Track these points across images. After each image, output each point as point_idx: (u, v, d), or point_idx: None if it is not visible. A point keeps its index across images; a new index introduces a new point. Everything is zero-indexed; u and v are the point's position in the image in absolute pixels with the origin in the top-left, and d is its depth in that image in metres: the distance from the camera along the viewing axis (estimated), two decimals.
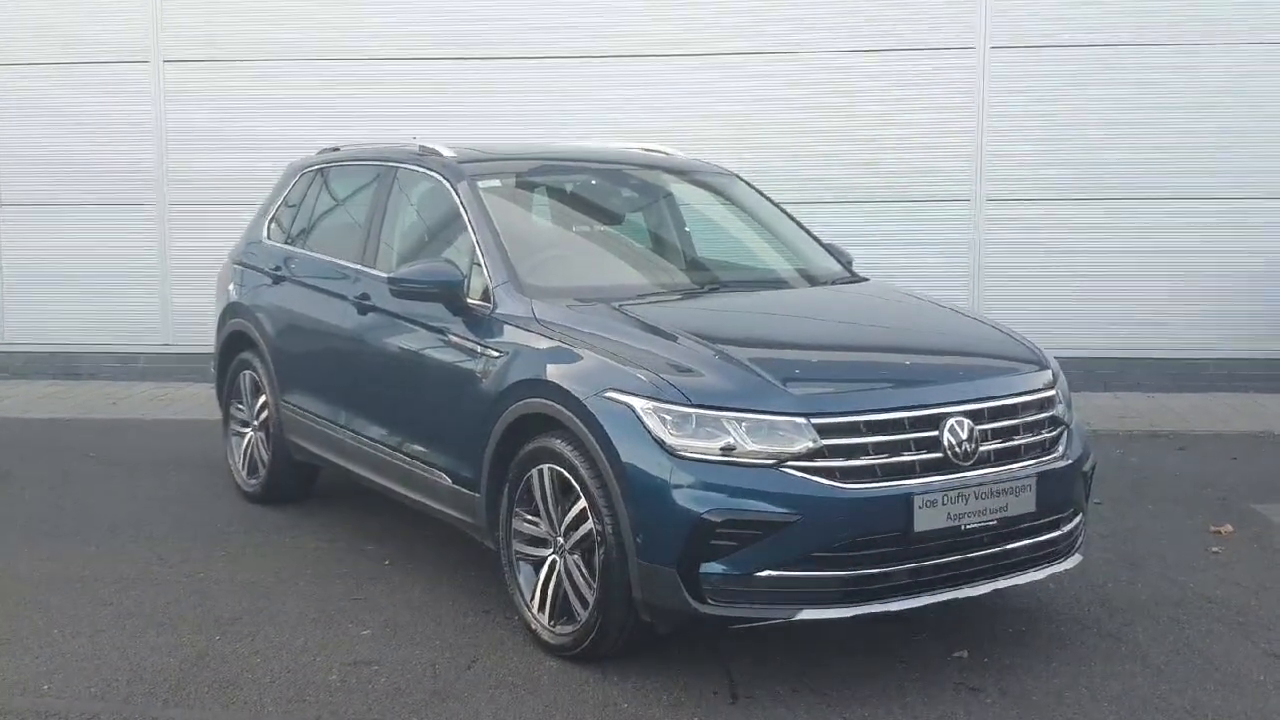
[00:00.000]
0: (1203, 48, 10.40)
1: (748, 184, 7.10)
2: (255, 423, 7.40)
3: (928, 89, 10.62)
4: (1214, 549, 6.45)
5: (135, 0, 11.19)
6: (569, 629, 4.98)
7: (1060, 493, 5.02)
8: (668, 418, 4.62)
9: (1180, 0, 10.38)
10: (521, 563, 5.24)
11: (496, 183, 6.31)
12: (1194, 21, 10.39)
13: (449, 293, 5.66)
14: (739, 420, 4.59)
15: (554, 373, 5.06)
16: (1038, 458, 4.98)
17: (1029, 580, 5.02)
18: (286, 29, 11.09)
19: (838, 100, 10.69)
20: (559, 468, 4.97)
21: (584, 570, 4.91)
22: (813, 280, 6.38)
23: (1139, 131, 10.48)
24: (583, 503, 4.85)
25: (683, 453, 4.57)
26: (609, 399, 4.77)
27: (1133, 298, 10.60)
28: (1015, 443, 4.93)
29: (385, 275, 6.09)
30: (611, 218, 6.83)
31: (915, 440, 4.71)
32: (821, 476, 4.54)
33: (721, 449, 4.57)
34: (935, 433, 4.74)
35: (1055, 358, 5.49)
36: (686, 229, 6.90)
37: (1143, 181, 10.52)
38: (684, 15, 10.79)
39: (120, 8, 11.22)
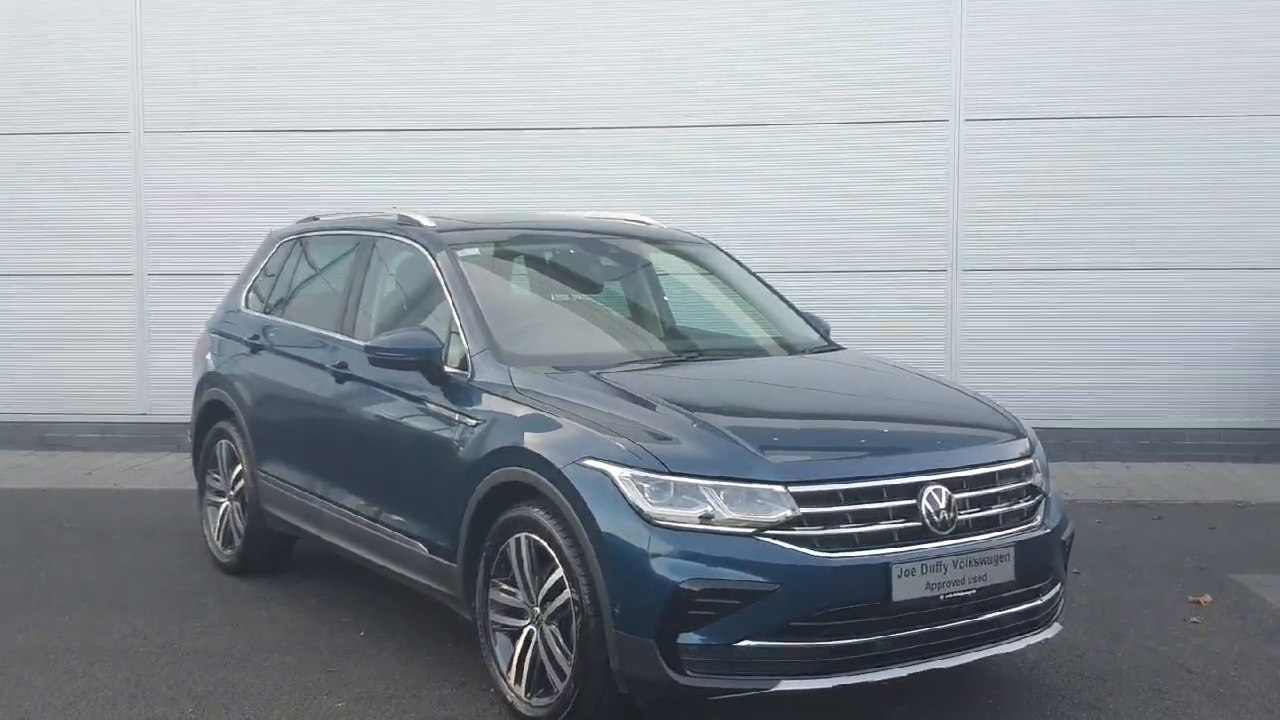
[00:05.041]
0: (1177, 120, 10.54)
1: (725, 253, 7.14)
2: (231, 492, 7.35)
3: (903, 160, 10.73)
4: (1193, 619, 6.44)
5: (116, 69, 11.26)
6: (546, 701, 4.93)
7: (1039, 562, 5.01)
8: (645, 486, 4.60)
9: (1154, 74, 10.53)
10: (498, 633, 5.20)
11: (475, 251, 6.32)
12: (1168, 94, 10.53)
13: (427, 361, 5.65)
14: (717, 488, 4.58)
15: (532, 441, 5.05)
16: (1016, 527, 4.97)
17: (1009, 650, 5.00)
18: (268, 101, 11.15)
19: (815, 171, 10.79)
20: (536, 537, 4.94)
21: (561, 641, 4.87)
22: (790, 349, 6.40)
23: (1112, 204, 10.59)
24: (560, 572, 4.82)
25: (660, 521, 4.55)
26: (587, 467, 4.76)
27: (1110, 368, 10.66)
28: (993, 512, 4.93)
29: (363, 344, 6.07)
30: (590, 286, 6.84)
31: (893, 509, 4.70)
32: (800, 545, 4.52)
33: (699, 517, 4.55)
34: (913, 501, 4.73)
35: (1032, 427, 5.50)
36: (665, 298, 6.91)
37: (1117, 254, 10.62)
38: (664, 89, 10.90)
39: (100, 76, 11.29)
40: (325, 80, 11.11)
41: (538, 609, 4.98)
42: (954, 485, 4.83)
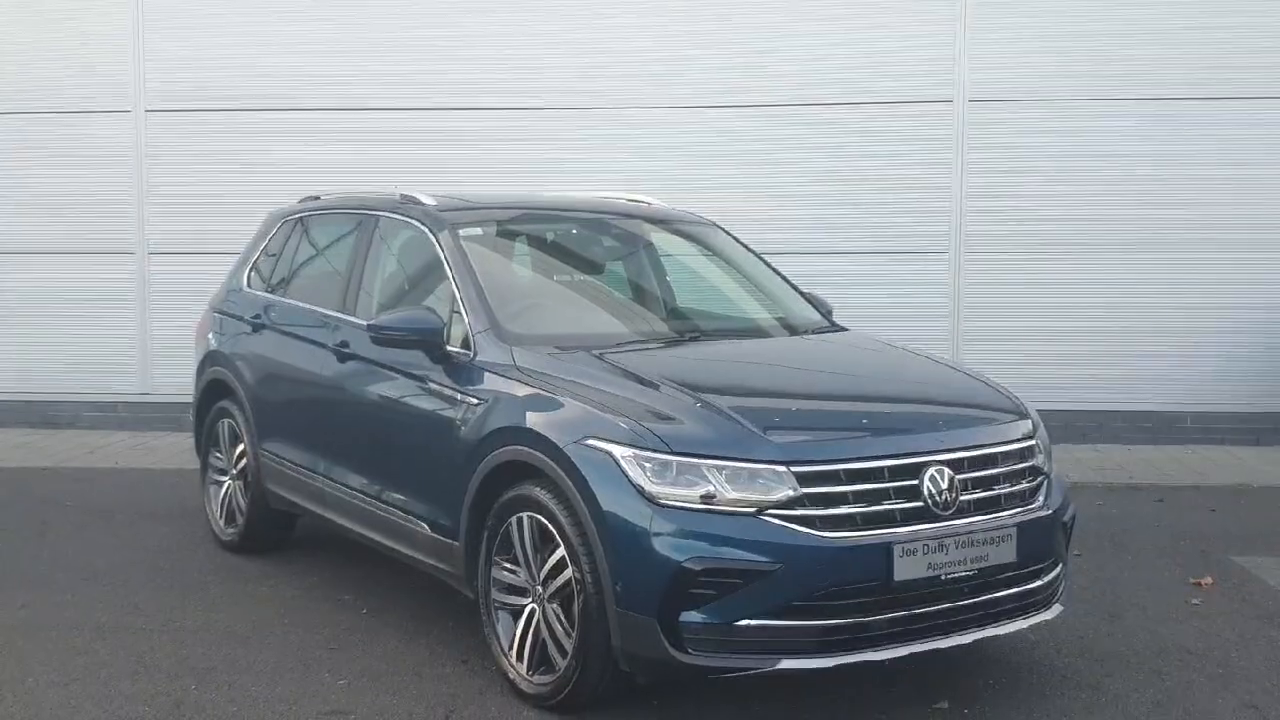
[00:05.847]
0: (1180, 103, 10.51)
1: (728, 233, 7.13)
2: (233, 471, 7.36)
3: (907, 142, 10.72)
4: (1194, 600, 6.45)
5: (117, 47, 11.24)
6: (547, 678, 4.95)
7: (1041, 543, 5.02)
8: (648, 465, 4.60)
9: (1159, 57, 10.49)
10: (500, 611, 5.21)
11: (478, 231, 6.31)
12: (1173, 77, 10.50)
13: (429, 340, 5.65)
14: (719, 468, 4.58)
15: (534, 420, 5.05)
16: (1018, 508, 4.98)
17: (1010, 631, 5.01)
18: (270, 78, 11.13)
19: (818, 153, 10.77)
20: (538, 515, 4.95)
21: (563, 619, 4.88)
22: (793, 330, 6.39)
23: (1116, 186, 10.56)
24: (562, 551, 4.83)
25: (663, 500, 4.55)
26: (589, 446, 4.76)
27: (1111, 351, 10.66)
28: (995, 492, 4.93)
29: (365, 323, 6.07)
30: (592, 266, 6.84)
31: (895, 489, 4.70)
32: (801, 525, 4.53)
33: (701, 497, 4.55)
34: (915, 482, 4.73)
35: (1034, 409, 5.50)
36: (667, 278, 6.91)
37: (1120, 237, 10.60)
38: (669, 70, 10.88)
39: (103, 55, 11.27)
40: (327, 57, 11.07)
41: (539, 587, 4.99)
42: (956, 466, 4.84)
